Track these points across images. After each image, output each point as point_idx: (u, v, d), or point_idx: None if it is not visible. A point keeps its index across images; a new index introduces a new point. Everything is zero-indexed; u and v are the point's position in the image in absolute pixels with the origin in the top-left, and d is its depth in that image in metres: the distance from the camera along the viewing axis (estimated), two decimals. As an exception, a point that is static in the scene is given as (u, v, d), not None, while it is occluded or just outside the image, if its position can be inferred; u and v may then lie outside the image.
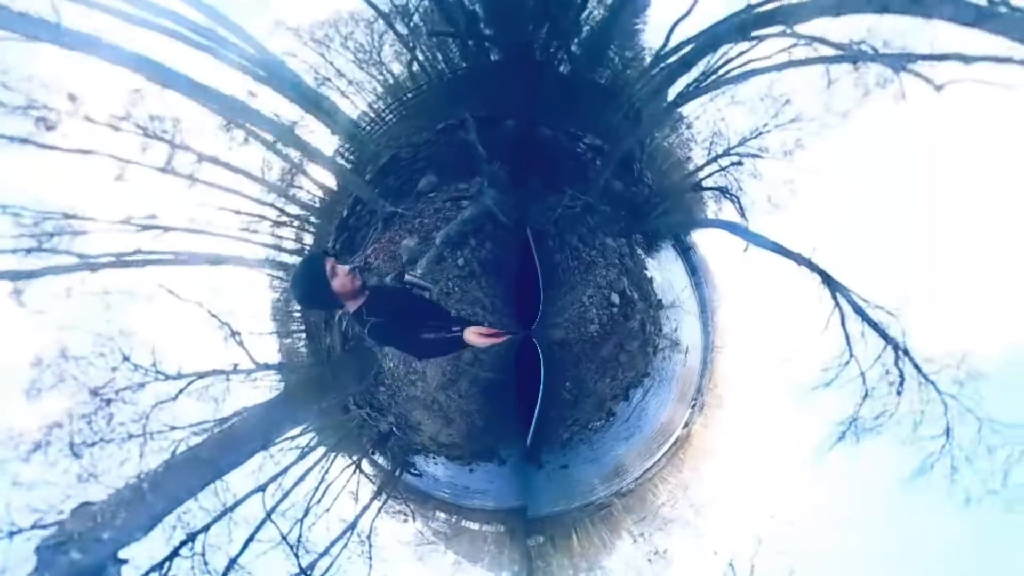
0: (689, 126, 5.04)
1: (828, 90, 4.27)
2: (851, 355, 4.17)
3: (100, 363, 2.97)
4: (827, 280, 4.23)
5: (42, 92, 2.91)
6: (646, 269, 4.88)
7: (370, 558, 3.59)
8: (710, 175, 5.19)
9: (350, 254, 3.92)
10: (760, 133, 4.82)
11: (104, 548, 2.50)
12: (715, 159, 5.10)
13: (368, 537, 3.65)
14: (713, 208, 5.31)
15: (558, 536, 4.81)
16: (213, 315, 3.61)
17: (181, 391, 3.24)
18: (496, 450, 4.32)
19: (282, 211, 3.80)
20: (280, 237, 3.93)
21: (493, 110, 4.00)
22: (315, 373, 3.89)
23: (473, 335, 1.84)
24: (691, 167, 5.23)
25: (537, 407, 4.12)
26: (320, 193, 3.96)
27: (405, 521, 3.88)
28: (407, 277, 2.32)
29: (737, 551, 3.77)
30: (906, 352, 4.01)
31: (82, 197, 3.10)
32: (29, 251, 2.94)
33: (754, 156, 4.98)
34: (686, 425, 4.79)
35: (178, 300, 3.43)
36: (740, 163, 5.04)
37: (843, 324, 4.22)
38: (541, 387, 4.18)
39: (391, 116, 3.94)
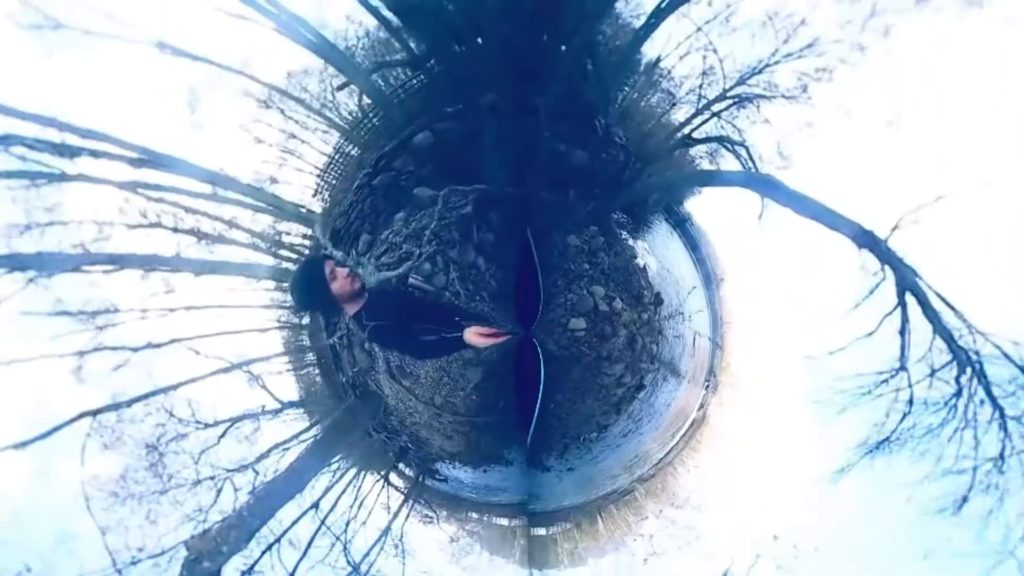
0: (668, 74, 4.01)
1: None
2: (903, 367, 3.25)
3: (149, 420, 3.53)
4: (900, 274, 3.12)
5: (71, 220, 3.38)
6: (635, 257, 4.29)
7: (403, 558, 4.02)
8: (700, 125, 4.14)
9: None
10: (766, 66, 3.72)
11: (223, 558, 3.53)
12: (708, 106, 4.05)
13: (400, 540, 4.07)
14: (706, 164, 4.36)
15: (584, 522, 5.01)
16: (236, 365, 4.08)
17: (221, 436, 3.76)
18: (500, 454, 4.49)
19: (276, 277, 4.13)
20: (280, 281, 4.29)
21: (414, 128, 3.75)
22: (339, 418, 4.38)
23: (473, 335, 1.84)
24: (678, 120, 4.16)
25: (536, 409, 4.16)
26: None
27: (430, 522, 4.25)
28: (410, 280, 2.33)
29: (736, 557, 3.52)
30: (981, 374, 3.08)
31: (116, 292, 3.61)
32: (86, 352, 3.49)
33: (759, 97, 3.91)
34: (701, 407, 4.69)
35: (204, 357, 3.92)
36: (747, 102, 3.91)
37: (903, 331, 3.19)
38: (541, 388, 4.20)
39: (326, 186, 4.01)
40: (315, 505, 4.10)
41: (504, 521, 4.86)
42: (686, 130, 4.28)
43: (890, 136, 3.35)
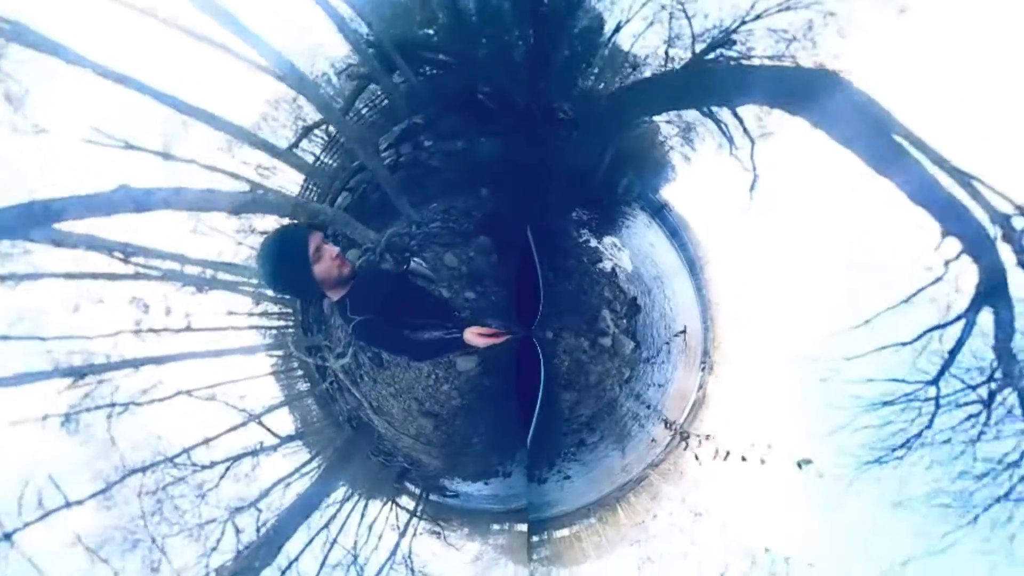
0: (632, 48, 3.45)
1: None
2: (935, 381, 2.61)
3: (149, 470, 3.53)
4: (992, 280, 2.21)
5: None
6: (598, 262, 3.92)
7: (412, 572, 3.98)
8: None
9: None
10: (742, 23, 3.11)
11: (256, 571, 3.78)
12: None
13: (409, 557, 4.03)
14: (679, 145, 3.89)
15: (605, 515, 4.95)
16: (230, 405, 4.09)
17: (222, 476, 3.76)
18: (494, 469, 4.44)
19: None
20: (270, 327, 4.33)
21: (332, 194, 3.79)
22: (340, 447, 4.37)
23: (473, 336, 1.70)
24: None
25: (536, 411, 4.07)
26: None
27: (437, 537, 4.20)
28: (412, 264, 1.99)
29: (730, 564, 3.34)
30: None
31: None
32: (88, 410, 3.51)
33: (735, 60, 3.24)
34: (700, 387, 4.65)
35: (197, 400, 3.93)
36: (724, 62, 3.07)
37: (955, 351, 2.51)
38: (541, 389, 4.13)
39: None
40: (325, 527, 4.12)
41: (523, 527, 4.79)
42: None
43: (901, 99, 2.61)
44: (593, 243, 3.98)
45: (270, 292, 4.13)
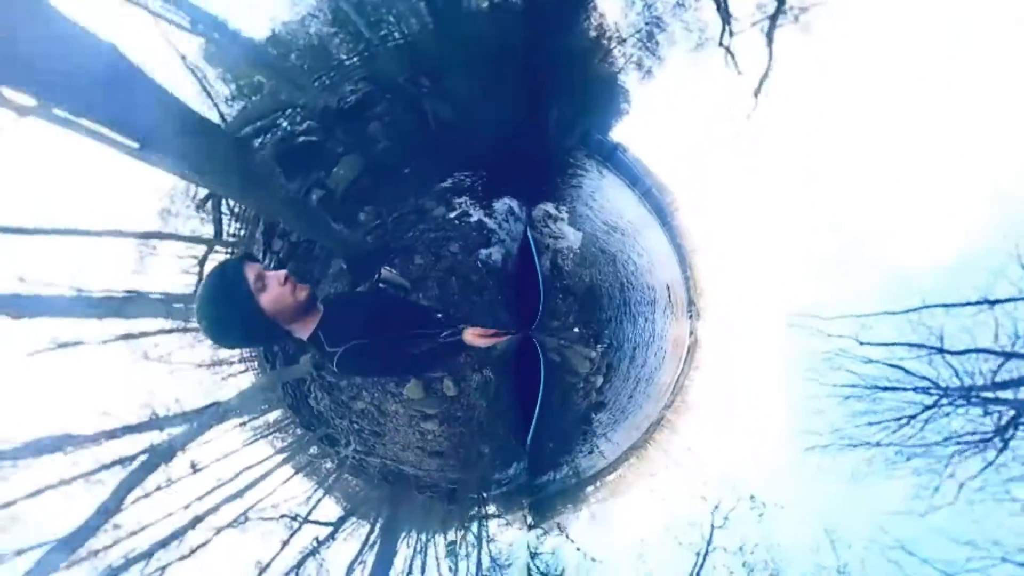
0: None
1: None
2: (953, 390, 2.40)
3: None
4: None
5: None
6: (529, 247, 3.14)
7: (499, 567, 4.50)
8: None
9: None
10: None
11: None
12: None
13: (495, 559, 4.52)
14: (636, 55, 2.94)
15: (639, 454, 5.70)
16: (268, 519, 4.03)
17: (297, 589, 3.87)
18: (519, 453, 4.69)
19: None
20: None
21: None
22: (392, 503, 4.45)
23: (473, 336, 1.61)
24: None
25: (537, 407, 4.09)
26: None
27: (507, 525, 4.67)
28: (383, 273, 1.79)
29: (722, 498, 3.83)
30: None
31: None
32: None
33: None
34: (692, 333, 4.98)
35: (234, 530, 3.84)
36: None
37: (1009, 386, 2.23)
38: (541, 386, 4.18)
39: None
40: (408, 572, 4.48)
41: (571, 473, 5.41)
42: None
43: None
44: (510, 225, 3.05)
45: (224, 350, 3.60)
